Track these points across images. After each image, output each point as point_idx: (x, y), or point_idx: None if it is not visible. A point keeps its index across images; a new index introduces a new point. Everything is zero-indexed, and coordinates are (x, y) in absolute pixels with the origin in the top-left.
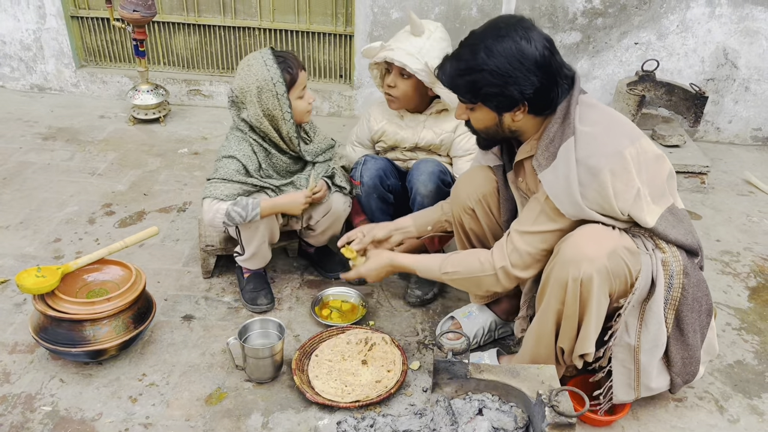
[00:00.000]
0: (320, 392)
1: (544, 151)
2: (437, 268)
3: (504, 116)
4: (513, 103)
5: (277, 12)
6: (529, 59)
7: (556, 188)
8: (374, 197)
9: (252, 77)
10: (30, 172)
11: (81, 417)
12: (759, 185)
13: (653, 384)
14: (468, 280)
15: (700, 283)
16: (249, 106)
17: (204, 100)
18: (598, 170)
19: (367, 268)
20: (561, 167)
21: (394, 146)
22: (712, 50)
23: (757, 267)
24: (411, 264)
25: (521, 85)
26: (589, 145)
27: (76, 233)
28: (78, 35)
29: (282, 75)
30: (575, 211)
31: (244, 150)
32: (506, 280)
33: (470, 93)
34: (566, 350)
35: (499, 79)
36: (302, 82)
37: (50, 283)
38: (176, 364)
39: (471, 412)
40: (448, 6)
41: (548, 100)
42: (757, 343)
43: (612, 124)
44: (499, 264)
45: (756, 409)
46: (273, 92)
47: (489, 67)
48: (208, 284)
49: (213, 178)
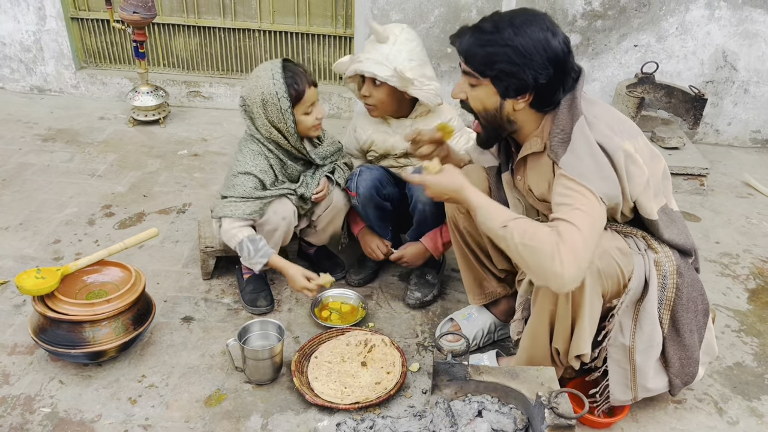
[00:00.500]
0: (320, 394)
1: (557, 140)
2: (499, 221)
3: (506, 101)
4: (523, 88)
5: (277, 14)
6: (552, 50)
7: (580, 168)
8: (371, 207)
9: (258, 89)
10: (29, 174)
11: (80, 418)
12: (758, 187)
13: (650, 384)
14: (526, 248)
15: (695, 283)
16: (256, 117)
17: (204, 101)
18: (613, 150)
19: (436, 180)
20: (579, 146)
21: (386, 154)
22: (711, 52)
23: (757, 269)
24: (477, 202)
25: (537, 72)
26: (599, 129)
27: (76, 234)
28: (78, 37)
29: (288, 90)
30: (606, 186)
31: (261, 165)
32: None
33: (484, 65)
34: (561, 351)
35: (519, 59)
36: (310, 98)
37: (50, 285)
38: (176, 366)
39: (470, 414)
40: (448, 8)
41: (552, 96)
42: (756, 345)
43: (613, 120)
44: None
45: (755, 411)
46: (277, 106)
47: (514, 44)
48: (208, 286)
49: (231, 196)
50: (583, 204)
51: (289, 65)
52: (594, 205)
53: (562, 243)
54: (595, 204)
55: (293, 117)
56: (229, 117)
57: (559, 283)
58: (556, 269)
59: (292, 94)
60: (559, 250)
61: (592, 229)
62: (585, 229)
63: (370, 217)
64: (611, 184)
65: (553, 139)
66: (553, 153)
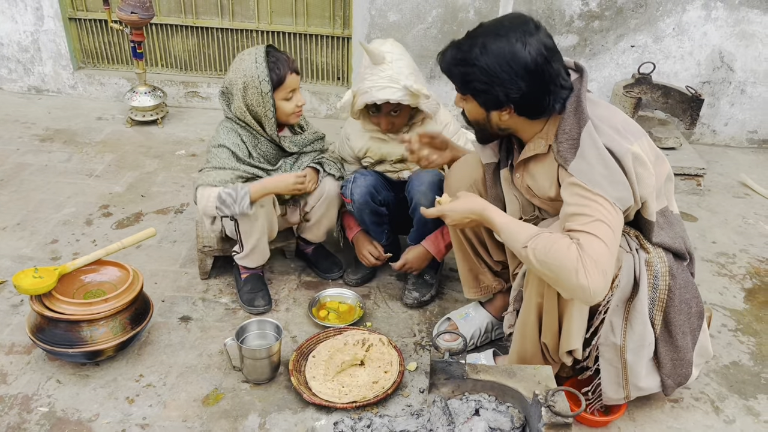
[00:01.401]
0: (317, 393)
1: (564, 144)
2: (520, 242)
3: (491, 113)
4: (498, 103)
5: (274, 14)
6: (519, 63)
7: (591, 174)
8: (367, 213)
9: (240, 72)
10: (27, 174)
11: (78, 418)
12: (755, 187)
13: (642, 384)
14: (548, 266)
15: (688, 285)
16: (235, 99)
17: (201, 102)
18: (622, 154)
19: (453, 207)
20: (589, 151)
21: (382, 159)
22: (708, 53)
23: (753, 269)
24: (500, 222)
25: (507, 88)
26: (606, 132)
27: (74, 234)
28: (75, 37)
29: (269, 74)
30: (617, 191)
31: (233, 139)
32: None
33: (461, 83)
34: (550, 346)
35: (486, 77)
36: (291, 84)
37: (47, 284)
38: (173, 365)
39: (468, 413)
40: (446, 9)
41: (538, 107)
42: (752, 345)
43: (618, 122)
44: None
45: (752, 410)
46: (258, 90)
47: (480, 64)
48: (206, 285)
49: (205, 168)
50: (599, 213)
51: (272, 51)
52: (610, 211)
53: (584, 255)
54: (611, 210)
55: (273, 101)
56: None
57: (587, 296)
58: (582, 282)
59: (274, 79)
60: (583, 264)
61: (613, 238)
62: (606, 238)
63: (366, 222)
64: (623, 188)
65: (560, 144)
66: (561, 158)
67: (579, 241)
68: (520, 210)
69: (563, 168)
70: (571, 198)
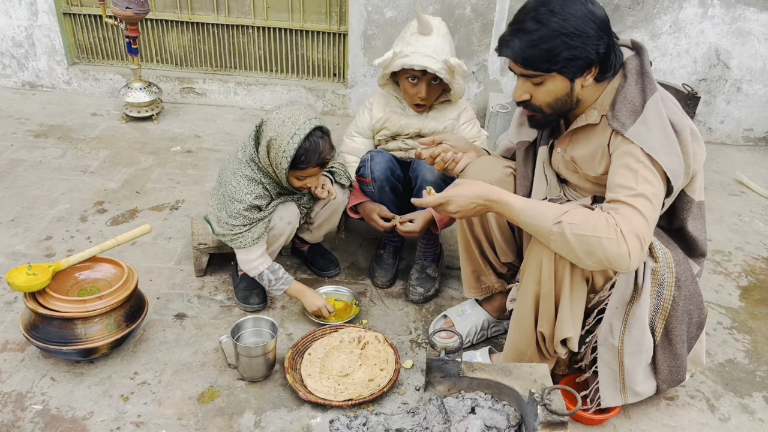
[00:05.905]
0: (313, 391)
1: (624, 111)
2: (550, 219)
3: (576, 82)
4: (589, 64)
5: (271, 10)
6: (599, 19)
7: (650, 140)
8: (386, 190)
9: (277, 130)
10: (21, 170)
11: (72, 415)
12: (750, 185)
13: (639, 388)
14: (588, 239)
15: (693, 297)
16: (263, 141)
17: (197, 98)
18: (682, 128)
19: (458, 192)
20: (652, 119)
21: (396, 134)
22: (704, 51)
23: (749, 266)
24: (519, 203)
25: (597, 44)
26: (669, 106)
27: (68, 231)
28: (70, 32)
29: (294, 155)
30: (672, 162)
31: (256, 191)
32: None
33: (547, 62)
34: (546, 336)
35: (577, 41)
36: (308, 173)
37: (41, 281)
38: (168, 363)
39: (464, 411)
40: (442, 5)
41: (611, 62)
42: (747, 342)
43: (672, 99)
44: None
45: (747, 408)
46: (278, 157)
47: (567, 30)
48: (201, 283)
49: (235, 226)
50: (643, 186)
51: (315, 134)
52: (655, 186)
53: (623, 225)
54: (656, 185)
55: (286, 177)
56: (223, 113)
57: (626, 264)
58: (622, 251)
59: (296, 163)
60: (621, 233)
61: (653, 213)
62: (646, 212)
63: (385, 201)
64: (677, 161)
65: (619, 110)
66: (619, 123)
67: (618, 211)
68: (546, 190)
69: (619, 134)
70: (620, 168)
